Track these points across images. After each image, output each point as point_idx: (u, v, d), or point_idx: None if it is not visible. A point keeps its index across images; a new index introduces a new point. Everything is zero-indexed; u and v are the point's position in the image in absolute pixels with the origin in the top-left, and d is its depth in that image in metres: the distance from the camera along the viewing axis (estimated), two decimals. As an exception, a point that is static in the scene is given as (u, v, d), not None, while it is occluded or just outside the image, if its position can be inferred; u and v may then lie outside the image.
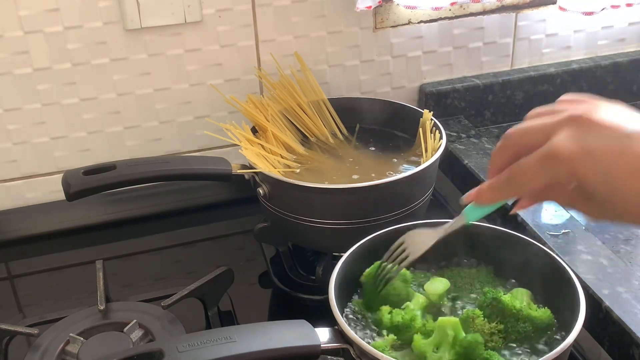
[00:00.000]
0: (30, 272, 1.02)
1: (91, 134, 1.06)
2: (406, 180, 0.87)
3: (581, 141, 0.53)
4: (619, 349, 0.74)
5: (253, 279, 0.98)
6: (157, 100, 1.07)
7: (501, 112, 1.21)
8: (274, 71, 1.05)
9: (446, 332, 0.65)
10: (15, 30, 0.97)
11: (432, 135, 0.95)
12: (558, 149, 0.54)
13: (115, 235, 1.06)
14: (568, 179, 0.55)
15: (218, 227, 1.09)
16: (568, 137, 0.54)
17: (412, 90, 1.18)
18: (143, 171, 0.88)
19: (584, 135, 0.53)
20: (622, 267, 0.81)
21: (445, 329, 0.65)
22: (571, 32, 1.21)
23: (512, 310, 0.68)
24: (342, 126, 1.05)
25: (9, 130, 1.03)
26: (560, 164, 0.54)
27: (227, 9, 1.03)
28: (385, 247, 0.77)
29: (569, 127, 0.54)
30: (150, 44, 1.02)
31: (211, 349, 0.61)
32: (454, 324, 0.65)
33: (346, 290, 0.75)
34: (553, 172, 0.54)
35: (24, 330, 0.82)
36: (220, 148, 1.10)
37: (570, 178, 0.54)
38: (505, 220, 0.92)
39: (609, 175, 0.52)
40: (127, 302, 0.87)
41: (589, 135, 0.53)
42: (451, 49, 1.17)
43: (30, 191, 1.07)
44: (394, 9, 1.10)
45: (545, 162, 0.55)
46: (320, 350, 0.64)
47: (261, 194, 0.90)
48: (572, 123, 0.54)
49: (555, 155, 0.54)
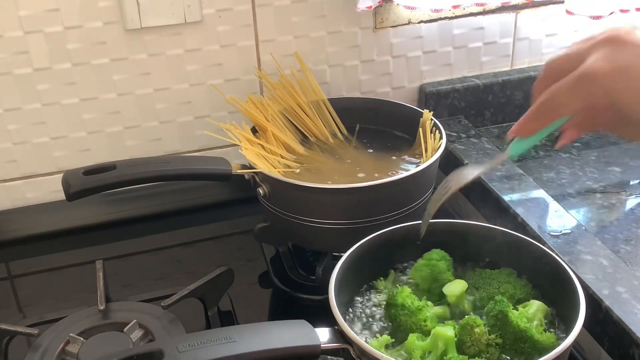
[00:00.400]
0: (30, 272, 1.02)
1: (91, 134, 1.06)
2: (406, 180, 0.87)
3: (615, 60, 0.54)
4: (619, 349, 0.74)
5: (253, 279, 0.98)
6: (157, 100, 1.07)
7: (501, 112, 1.21)
8: (274, 71, 1.05)
9: (437, 344, 0.65)
10: (15, 30, 0.97)
11: (432, 135, 0.95)
12: (592, 68, 0.54)
13: (115, 235, 1.06)
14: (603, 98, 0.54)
15: (218, 227, 1.09)
16: (602, 57, 0.54)
17: (412, 90, 1.18)
18: (143, 171, 0.88)
19: (617, 54, 0.54)
20: (622, 267, 0.81)
21: (438, 339, 0.65)
22: (571, 32, 1.21)
23: (516, 329, 0.66)
24: (342, 126, 1.05)
25: (9, 130, 1.03)
26: (594, 84, 0.54)
27: (227, 9, 1.03)
28: (385, 247, 0.77)
29: (603, 48, 0.55)
30: (150, 44, 1.02)
31: (211, 349, 0.61)
32: (447, 340, 0.65)
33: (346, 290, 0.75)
34: (588, 92, 0.54)
35: (24, 330, 0.82)
36: (220, 148, 1.11)
37: (606, 97, 0.54)
38: (506, 220, 0.92)
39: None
40: (127, 302, 0.87)
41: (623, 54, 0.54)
42: (451, 49, 1.17)
43: (30, 191, 1.07)
44: (394, 9, 1.10)
45: (580, 82, 0.55)
46: (320, 350, 0.64)
47: (261, 194, 0.90)
48: (606, 44, 0.55)
49: (590, 74, 0.54)
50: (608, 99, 0.54)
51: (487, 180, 0.99)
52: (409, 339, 0.67)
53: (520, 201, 0.94)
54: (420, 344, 0.66)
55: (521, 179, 0.99)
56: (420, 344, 0.66)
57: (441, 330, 0.66)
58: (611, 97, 0.54)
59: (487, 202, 0.98)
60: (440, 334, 0.65)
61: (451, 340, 0.65)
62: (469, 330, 0.66)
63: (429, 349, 0.66)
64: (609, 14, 1.09)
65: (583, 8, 1.09)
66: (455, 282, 0.74)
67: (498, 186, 0.97)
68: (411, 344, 0.66)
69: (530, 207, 0.92)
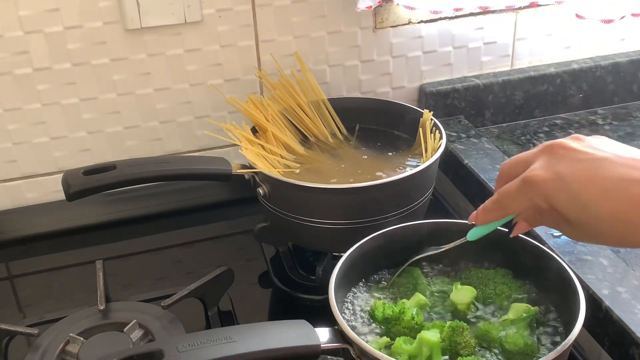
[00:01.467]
0: (30, 272, 1.02)
1: (91, 134, 1.06)
2: (406, 180, 0.87)
3: (553, 167, 0.59)
4: (619, 349, 0.74)
5: (253, 279, 0.98)
6: (157, 100, 1.07)
7: (501, 112, 1.21)
8: (274, 71, 1.05)
9: (422, 349, 0.65)
10: (15, 30, 0.97)
11: (432, 135, 0.95)
12: (532, 175, 0.60)
13: (115, 235, 1.06)
14: (543, 202, 0.60)
15: (218, 227, 1.09)
16: (542, 164, 0.60)
17: (412, 90, 1.18)
18: (143, 171, 0.88)
19: (556, 162, 0.59)
20: (622, 267, 0.81)
21: (423, 345, 0.65)
22: (571, 32, 1.21)
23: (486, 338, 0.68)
24: (342, 126, 1.05)
25: (9, 130, 1.03)
26: (535, 189, 0.59)
27: (227, 9, 1.03)
28: (385, 247, 0.77)
29: (544, 156, 0.60)
30: (150, 44, 1.02)
31: (211, 349, 0.61)
32: (432, 345, 0.65)
33: (346, 290, 0.75)
34: (530, 195, 0.60)
35: (24, 330, 0.82)
36: (220, 148, 1.11)
37: (545, 201, 0.59)
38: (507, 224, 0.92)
39: (578, 199, 0.57)
40: (127, 302, 0.87)
41: (562, 161, 0.59)
42: (451, 49, 1.17)
43: (30, 191, 1.07)
44: (394, 9, 1.10)
45: (523, 188, 0.61)
46: (320, 350, 0.64)
47: (261, 194, 0.90)
48: (547, 151, 0.60)
49: (530, 181, 0.60)
50: (547, 203, 0.59)
51: (487, 180, 0.99)
52: (396, 343, 0.67)
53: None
54: (406, 348, 0.66)
55: (521, 179, 0.99)
56: (406, 349, 0.66)
57: (426, 335, 0.66)
58: (550, 202, 0.59)
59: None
60: (425, 340, 0.65)
61: (436, 345, 0.65)
62: (460, 332, 0.66)
63: (415, 354, 0.66)
64: (620, 18, 1.08)
65: (594, 12, 1.08)
66: (463, 289, 0.73)
67: (498, 186, 0.97)
68: (398, 348, 0.66)
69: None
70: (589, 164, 0.57)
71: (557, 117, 1.23)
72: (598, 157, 0.57)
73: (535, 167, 0.60)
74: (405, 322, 0.69)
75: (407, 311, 0.70)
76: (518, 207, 0.63)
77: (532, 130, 1.20)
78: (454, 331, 0.66)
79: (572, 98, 1.24)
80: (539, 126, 1.21)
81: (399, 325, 0.69)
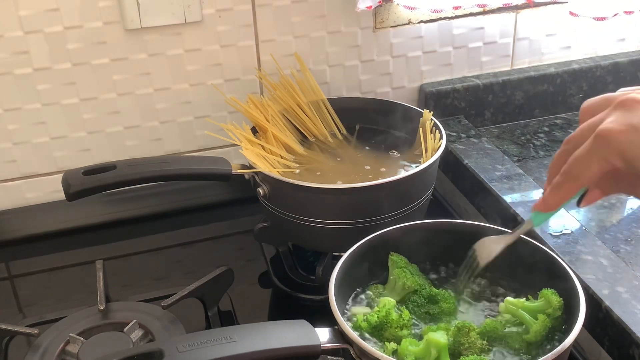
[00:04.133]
0: (30, 272, 1.02)
1: (91, 134, 1.06)
2: (406, 180, 0.87)
3: (627, 120, 0.55)
4: (619, 349, 0.74)
5: (253, 279, 0.98)
6: (157, 100, 1.07)
7: (501, 112, 1.21)
8: (274, 71, 1.05)
9: (430, 350, 0.65)
10: (15, 30, 0.97)
11: (432, 135, 0.95)
12: (605, 130, 0.55)
13: (115, 235, 1.06)
14: (619, 160, 0.56)
15: (218, 227, 1.09)
16: (615, 119, 0.56)
17: (412, 90, 1.18)
18: (143, 171, 0.88)
19: (630, 115, 0.55)
20: (622, 267, 0.81)
21: (431, 346, 0.65)
22: (571, 32, 1.21)
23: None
24: (341, 126, 1.05)
25: (9, 130, 1.03)
26: (608, 145, 0.55)
27: (227, 9, 1.03)
28: (385, 247, 0.77)
29: (616, 111, 0.56)
30: (150, 44, 1.02)
31: (211, 349, 0.61)
32: (440, 347, 0.65)
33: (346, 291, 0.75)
34: (604, 154, 0.56)
35: (24, 330, 0.82)
36: (220, 148, 1.11)
37: (621, 157, 0.55)
38: (506, 220, 0.92)
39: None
40: (127, 302, 0.87)
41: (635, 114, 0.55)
42: (451, 49, 1.17)
43: (30, 191, 1.07)
44: (394, 9, 1.10)
45: (595, 146, 0.56)
46: (320, 350, 0.64)
47: (261, 194, 0.90)
48: (619, 106, 0.56)
49: (603, 136, 0.55)
50: (623, 159, 0.55)
51: (487, 180, 0.99)
52: (402, 345, 0.66)
53: (520, 201, 0.94)
54: (413, 349, 0.66)
55: (521, 179, 0.99)
56: (413, 350, 0.66)
57: (434, 337, 0.65)
58: (625, 156, 0.55)
59: (487, 202, 0.98)
60: (433, 341, 0.65)
61: (444, 347, 0.65)
62: (465, 333, 0.66)
63: (422, 356, 0.65)
64: (612, 16, 1.09)
65: (587, 9, 1.09)
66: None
67: (498, 186, 0.97)
68: (404, 350, 0.66)
69: (531, 207, 0.92)
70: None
71: (557, 117, 1.23)
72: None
73: (608, 121, 0.56)
74: (394, 322, 0.68)
75: (391, 312, 0.69)
76: (591, 173, 0.57)
77: (532, 130, 1.20)
78: (459, 331, 0.66)
79: (572, 98, 1.24)
80: (539, 126, 1.21)
81: (391, 327, 0.68)
